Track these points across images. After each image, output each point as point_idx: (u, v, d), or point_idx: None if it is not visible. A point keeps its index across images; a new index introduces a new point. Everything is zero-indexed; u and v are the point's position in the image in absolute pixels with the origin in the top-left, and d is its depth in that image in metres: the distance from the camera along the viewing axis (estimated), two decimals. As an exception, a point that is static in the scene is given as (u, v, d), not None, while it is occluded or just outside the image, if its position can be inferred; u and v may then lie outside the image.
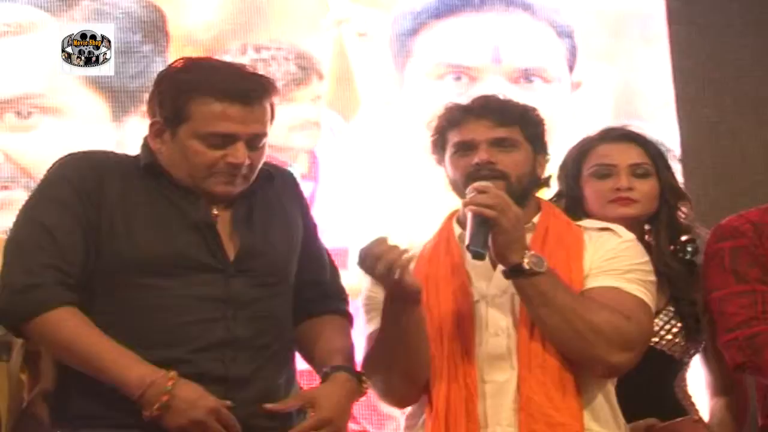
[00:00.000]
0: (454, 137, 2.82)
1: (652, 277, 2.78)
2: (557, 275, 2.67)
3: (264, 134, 2.62)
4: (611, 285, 2.71)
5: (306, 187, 3.43)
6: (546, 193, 3.17)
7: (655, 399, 2.97)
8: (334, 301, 2.80)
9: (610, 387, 2.75)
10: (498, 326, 2.72)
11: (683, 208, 3.09)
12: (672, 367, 3.02)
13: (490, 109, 2.82)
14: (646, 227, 3.09)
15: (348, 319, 2.79)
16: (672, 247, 3.07)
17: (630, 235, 2.81)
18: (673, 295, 3.03)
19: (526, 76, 4.52)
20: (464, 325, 2.72)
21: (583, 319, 2.63)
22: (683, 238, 3.08)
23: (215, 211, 2.63)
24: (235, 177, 2.60)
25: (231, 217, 2.64)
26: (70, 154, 2.66)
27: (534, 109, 2.87)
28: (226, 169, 2.59)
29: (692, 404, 3.06)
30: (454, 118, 2.83)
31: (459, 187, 2.79)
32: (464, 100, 2.87)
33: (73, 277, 2.54)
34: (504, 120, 2.80)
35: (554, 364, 2.67)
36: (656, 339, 2.98)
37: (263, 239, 2.65)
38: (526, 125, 2.83)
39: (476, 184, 2.68)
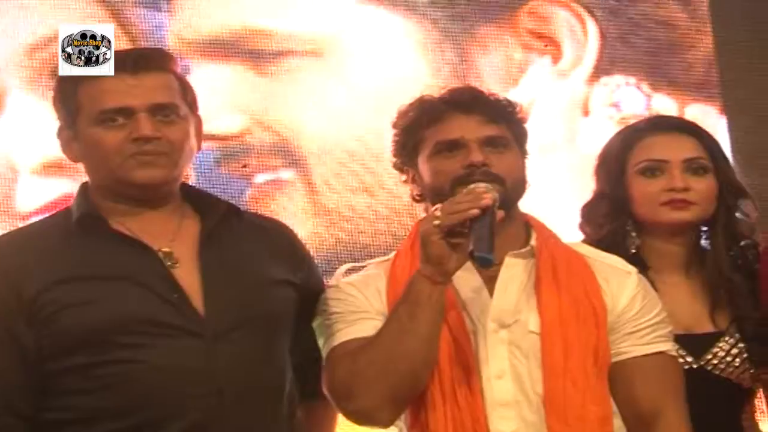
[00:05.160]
0: (435, 135, 2.46)
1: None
2: None
3: (171, 104, 2.41)
4: (656, 351, 2.45)
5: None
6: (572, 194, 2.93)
7: (722, 432, 2.71)
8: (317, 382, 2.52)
9: None
10: (500, 367, 2.39)
11: (744, 208, 2.78)
12: (740, 396, 2.72)
13: (479, 103, 2.49)
14: (703, 228, 2.78)
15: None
16: (730, 254, 2.75)
17: (633, 269, 2.52)
18: (736, 314, 2.71)
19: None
20: (463, 357, 2.37)
21: None
22: (742, 243, 2.76)
23: (167, 249, 2.39)
24: (151, 156, 2.38)
25: (197, 258, 2.40)
26: None
27: (519, 105, 2.56)
28: (135, 147, 2.37)
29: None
30: (435, 112, 2.48)
31: (440, 194, 2.40)
32: (437, 93, 2.54)
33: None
34: (495, 116, 2.48)
35: (595, 414, 2.37)
36: (722, 366, 2.69)
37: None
38: (513, 123, 2.52)
39: (473, 187, 2.34)
